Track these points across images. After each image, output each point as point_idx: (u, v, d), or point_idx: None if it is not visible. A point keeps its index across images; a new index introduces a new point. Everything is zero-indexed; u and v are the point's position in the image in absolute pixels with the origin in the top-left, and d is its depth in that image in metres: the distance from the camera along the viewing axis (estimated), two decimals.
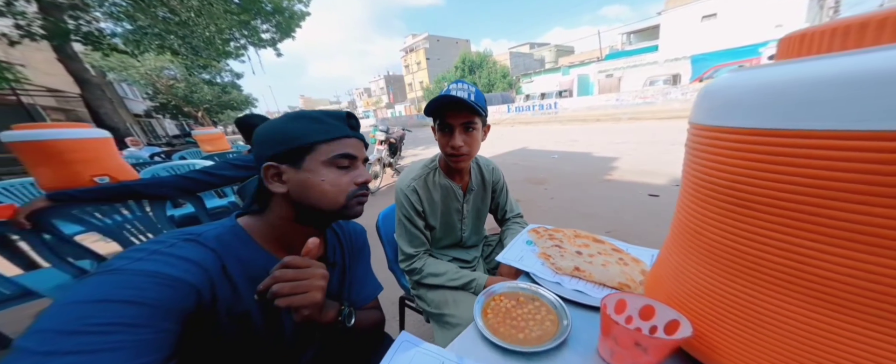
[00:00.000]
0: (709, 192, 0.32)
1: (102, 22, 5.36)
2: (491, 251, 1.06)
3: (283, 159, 0.44)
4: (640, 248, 0.69)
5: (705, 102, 0.32)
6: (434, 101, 0.69)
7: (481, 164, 0.96)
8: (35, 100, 7.32)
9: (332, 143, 0.45)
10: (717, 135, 0.30)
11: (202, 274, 0.38)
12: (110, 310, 0.29)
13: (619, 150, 4.71)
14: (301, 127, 0.45)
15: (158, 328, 0.31)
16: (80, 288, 0.31)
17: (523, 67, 32.77)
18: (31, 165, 1.35)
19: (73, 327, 0.27)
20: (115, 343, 0.28)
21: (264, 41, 7.45)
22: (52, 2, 4.61)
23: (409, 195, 0.82)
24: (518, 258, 0.68)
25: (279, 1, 6.73)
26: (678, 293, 0.39)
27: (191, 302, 0.36)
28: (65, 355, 0.26)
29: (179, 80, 17.02)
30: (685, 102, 8.85)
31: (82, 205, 1.10)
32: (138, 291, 0.31)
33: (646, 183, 3.02)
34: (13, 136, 1.27)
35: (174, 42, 5.60)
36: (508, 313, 0.51)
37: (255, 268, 0.44)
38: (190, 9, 5.07)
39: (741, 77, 0.28)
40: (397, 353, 0.44)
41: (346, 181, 0.46)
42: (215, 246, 0.41)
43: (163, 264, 0.35)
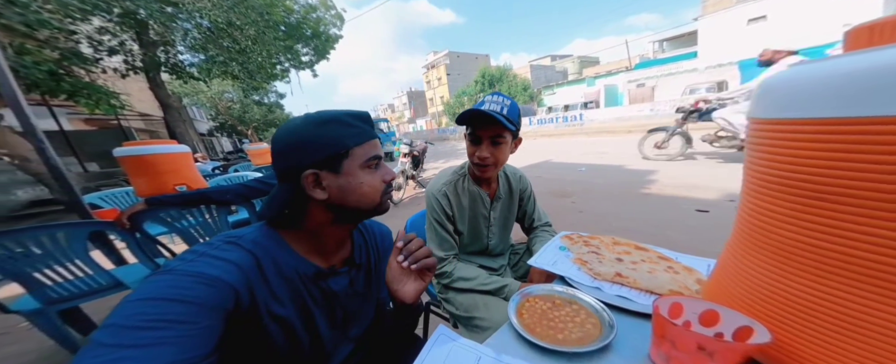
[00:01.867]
0: (781, 187, 0.30)
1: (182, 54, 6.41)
2: (518, 259, 1.03)
3: (322, 166, 0.43)
4: (693, 257, 0.63)
5: (771, 95, 0.31)
6: (466, 113, 0.72)
7: (509, 172, 0.96)
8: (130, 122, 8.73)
9: (365, 146, 0.46)
10: (787, 127, 0.29)
11: (240, 274, 0.40)
12: (160, 307, 0.32)
13: (656, 163, 4.38)
14: (333, 132, 0.44)
15: (201, 325, 0.34)
16: (143, 286, 0.34)
17: (544, 80, 32.49)
18: (132, 175, 1.69)
19: (132, 322, 0.31)
20: (165, 338, 0.31)
21: (303, 63, 8.24)
22: (150, 40, 5.60)
23: (440, 199, 0.84)
24: (551, 263, 0.66)
25: (317, 26, 7.51)
26: (747, 298, 0.35)
27: (230, 301, 0.38)
28: (125, 348, 0.29)
29: (235, 102, 19.26)
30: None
31: (168, 208, 1.31)
32: (183, 290, 0.34)
33: (692, 197, 2.76)
34: (123, 151, 1.63)
35: (235, 68, 6.43)
36: (545, 314, 0.49)
37: (288, 269, 0.45)
38: (248, 38, 5.88)
39: (814, 68, 0.27)
40: (435, 346, 0.44)
41: (378, 181, 0.48)
42: (252, 248, 0.43)
43: (206, 265, 0.38)
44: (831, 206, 0.26)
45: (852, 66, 0.24)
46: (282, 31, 6.70)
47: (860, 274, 0.26)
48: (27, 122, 1.33)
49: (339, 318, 0.53)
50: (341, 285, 0.52)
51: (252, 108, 20.14)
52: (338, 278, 0.51)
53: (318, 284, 0.48)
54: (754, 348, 0.31)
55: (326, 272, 0.49)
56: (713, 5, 14.79)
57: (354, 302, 0.55)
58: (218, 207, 1.46)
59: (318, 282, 0.48)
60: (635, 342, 0.43)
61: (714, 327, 0.36)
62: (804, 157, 0.27)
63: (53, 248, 1.14)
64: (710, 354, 0.32)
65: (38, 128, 1.35)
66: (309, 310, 0.48)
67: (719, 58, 13.39)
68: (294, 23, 6.97)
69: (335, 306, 0.51)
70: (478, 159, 0.76)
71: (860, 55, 0.24)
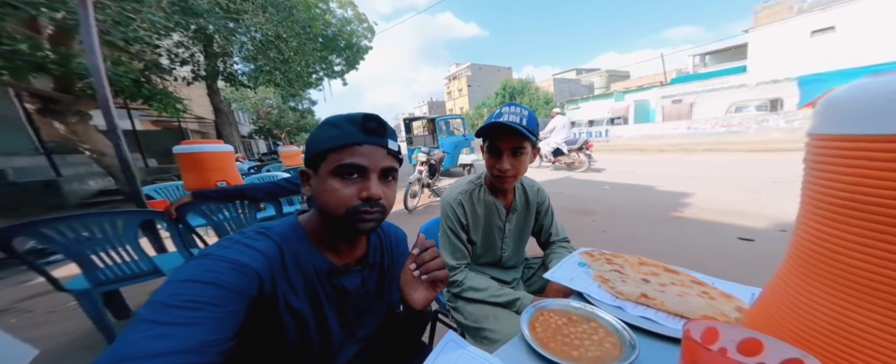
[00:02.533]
0: (848, 210, 0.27)
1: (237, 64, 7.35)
2: (532, 274, 0.99)
3: (310, 165, 0.45)
4: (734, 284, 0.57)
5: (837, 109, 0.28)
6: (486, 125, 0.72)
7: (526, 184, 0.94)
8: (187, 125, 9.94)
9: (341, 151, 0.42)
10: (856, 144, 0.26)
11: (266, 263, 0.41)
12: (196, 289, 0.34)
13: (692, 185, 4.05)
14: (322, 134, 0.44)
15: (228, 309, 0.35)
16: (183, 268, 0.37)
17: (568, 93, 31.81)
18: (184, 171, 1.92)
19: (171, 301, 0.33)
20: (198, 319, 0.33)
21: (335, 72, 8.93)
22: (213, 52, 6.48)
23: (455, 207, 0.84)
24: (569, 278, 0.62)
25: (350, 38, 8.15)
26: (800, 330, 0.31)
27: (254, 287, 0.39)
28: (164, 325, 0.31)
29: (274, 108, 20.92)
30: (790, 132, 7.33)
31: (210, 202, 1.46)
32: (217, 274, 0.36)
33: (733, 224, 2.50)
34: (180, 149, 1.87)
35: (278, 76, 7.17)
36: (559, 330, 0.46)
37: (306, 262, 0.46)
38: (291, 49, 6.59)
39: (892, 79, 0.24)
40: (443, 352, 0.43)
41: (347, 193, 0.42)
42: (279, 240, 0.45)
43: (238, 252, 0.40)
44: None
45: None
46: (319, 42, 7.39)
47: None
48: (112, 122, 1.56)
49: (349, 318, 0.53)
50: (354, 284, 0.52)
51: (287, 113, 21.82)
52: (351, 276, 0.52)
53: (332, 281, 0.49)
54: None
55: (340, 269, 0.50)
56: (767, 16, 13.63)
57: (365, 302, 0.55)
58: (249, 204, 1.58)
59: (332, 279, 0.49)
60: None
61: (755, 357, 0.32)
62: (877, 178, 0.25)
63: (112, 233, 1.28)
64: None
65: (119, 127, 1.59)
66: (322, 306, 0.48)
67: (773, 73, 12.04)
68: (330, 35, 7.63)
69: (346, 305, 0.52)
70: (498, 171, 0.75)
71: None
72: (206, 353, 0.32)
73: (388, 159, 0.45)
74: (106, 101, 1.52)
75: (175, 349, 0.30)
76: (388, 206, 0.46)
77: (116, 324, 1.41)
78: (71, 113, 3.64)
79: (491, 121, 0.72)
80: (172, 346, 0.30)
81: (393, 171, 0.46)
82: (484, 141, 0.78)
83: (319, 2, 7.10)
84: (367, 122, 0.43)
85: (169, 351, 0.29)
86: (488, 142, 0.76)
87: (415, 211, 3.87)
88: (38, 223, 1.12)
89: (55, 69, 3.10)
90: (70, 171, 5.06)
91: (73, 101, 3.61)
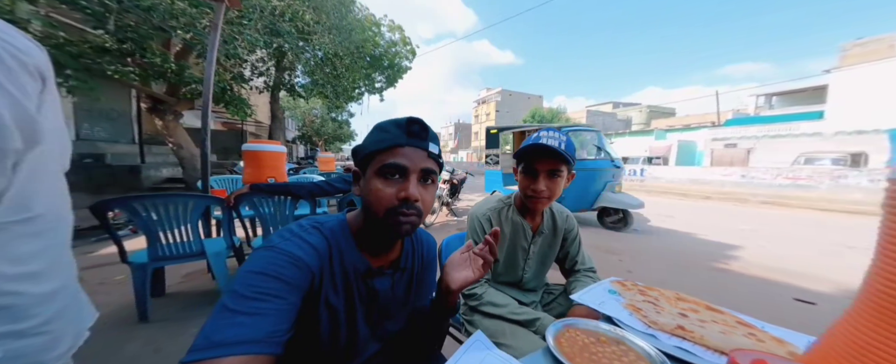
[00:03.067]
0: None
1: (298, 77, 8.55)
2: (552, 300, 0.96)
3: (360, 166, 0.49)
4: (787, 330, 0.51)
5: None
6: (525, 147, 0.75)
7: (555, 210, 0.94)
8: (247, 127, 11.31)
9: (385, 152, 0.45)
10: None
11: (317, 258, 0.44)
12: (264, 282, 0.38)
13: (743, 239, 3.60)
14: (371, 138, 0.47)
15: (289, 301, 0.38)
16: (253, 258, 0.41)
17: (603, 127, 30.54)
18: (247, 165, 2.24)
19: (245, 291, 0.36)
20: (265, 310, 0.36)
21: (376, 89, 9.75)
22: (283, 66, 7.58)
23: (484, 222, 0.86)
24: (598, 302, 0.61)
25: (394, 59, 8.94)
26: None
27: (307, 282, 0.42)
28: (240, 314, 0.35)
29: (318, 118, 22.97)
30: (871, 193, 6.24)
31: (262, 195, 1.67)
32: (279, 268, 0.39)
33: (788, 284, 2.19)
34: (248, 147, 2.22)
35: (328, 90, 8.12)
36: (586, 347, 0.46)
37: (348, 261, 0.48)
38: (344, 66, 7.43)
39: None
40: (470, 349, 0.45)
41: (387, 193, 0.44)
42: (329, 235, 0.47)
43: (296, 246, 0.43)
44: None
45: None
46: (367, 61, 8.20)
47: None
48: (206, 121, 1.91)
49: (375, 318, 0.54)
50: (384, 286, 0.53)
51: (328, 123, 23.79)
52: (383, 279, 0.53)
53: (365, 282, 0.51)
54: None
55: (375, 271, 0.51)
56: (858, 55, 11.37)
57: (392, 305, 0.56)
58: (291, 200, 1.75)
59: (366, 279, 0.51)
60: None
61: None
62: None
63: (182, 212, 1.48)
64: None
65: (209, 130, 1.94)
66: (354, 304, 0.50)
67: (858, 122, 9.99)
68: (377, 55, 8.44)
69: (374, 306, 0.53)
70: (532, 192, 0.76)
71: None
72: (271, 344, 0.35)
73: (428, 161, 0.46)
74: (208, 104, 1.88)
75: (250, 338, 0.34)
76: (424, 209, 0.47)
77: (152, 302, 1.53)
78: (170, 112, 4.48)
79: (529, 142, 0.76)
80: (247, 335, 0.34)
81: (432, 174, 0.48)
82: (518, 163, 0.81)
83: (373, 25, 8.01)
84: (410, 125, 0.46)
85: (245, 340, 0.33)
86: (524, 163, 0.79)
87: (431, 227, 3.87)
88: (130, 198, 1.33)
89: (173, 77, 3.91)
90: (151, 159, 5.95)
91: (176, 102, 4.47)
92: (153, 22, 3.17)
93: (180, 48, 4.08)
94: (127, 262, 1.42)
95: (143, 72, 3.75)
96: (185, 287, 1.95)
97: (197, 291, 1.89)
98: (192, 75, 3.99)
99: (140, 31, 3.20)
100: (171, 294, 1.84)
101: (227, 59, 4.45)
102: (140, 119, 5.93)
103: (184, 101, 4.53)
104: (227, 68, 4.76)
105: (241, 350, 0.33)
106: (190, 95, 4.51)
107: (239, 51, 4.38)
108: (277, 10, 5.25)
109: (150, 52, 3.45)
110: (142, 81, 3.97)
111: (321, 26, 6.12)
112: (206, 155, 1.88)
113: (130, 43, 3.24)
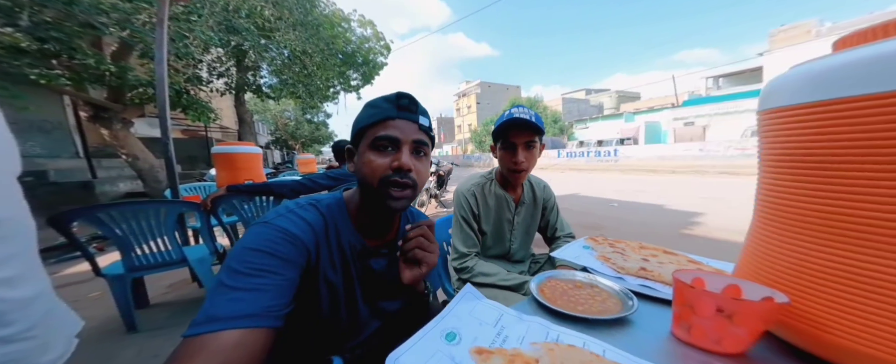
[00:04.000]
0: (790, 163, 0.34)
1: (264, 78, 8.01)
2: (538, 268, 1.04)
3: (353, 142, 0.50)
4: (727, 263, 0.62)
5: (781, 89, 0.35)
6: (501, 121, 0.81)
7: (533, 181, 1.02)
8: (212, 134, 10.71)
9: (376, 126, 0.45)
10: (796, 112, 0.33)
11: (312, 235, 0.44)
12: (258, 258, 0.38)
13: (705, 206, 4.00)
14: (363, 114, 0.48)
15: (286, 276, 0.39)
16: (248, 235, 0.41)
17: (577, 113, 31.99)
18: (219, 169, 2.18)
19: (240, 268, 0.37)
20: (262, 285, 0.37)
21: (352, 87, 9.49)
22: (246, 66, 7.11)
23: (469, 198, 0.91)
24: (574, 256, 0.68)
25: (368, 55, 8.72)
26: (768, 272, 0.37)
27: (303, 258, 0.43)
28: (238, 290, 0.35)
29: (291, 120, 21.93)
30: None
31: (241, 196, 1.61)
32: (273, 244, 0.40)
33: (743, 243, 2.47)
34: (218, 150, 2.17)
35: (300, 89, 7.76)
36: (565, 292, 0.52)
37: (344, 239, 0.49)
38: (314, 64, 7.13)
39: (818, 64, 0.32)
40: (461, 301, 0.49)
41: (381, 164, 0.45)
42: (326, 212, 0.48)
43: (290, 223, 0.43)
44: (834, 173, 0.30)
45: (844, 60, 0.30)
46: (339, 58, 7.93)
47: (864, 235, 0.28)
48: (166, 125, 1.77)
49: (373, 296, 0.56)
50: (380, 266, 0.55)
51: (303, 125, 22.77)
52: (379, 259, 0.54)
53: (362, 261, 0.52)
54: (769, 306, 0.32)
55: (371, 250, 0.52)
56: (783, 40, 13.54)
57: (389, 285, 0.57)
58: (274, 200, 1.70)
59: (363, 258, 0.52)
60: (657, 324, 0.44)
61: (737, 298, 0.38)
62: (807, 134, 0.32)
63: (155, 220, 1.41)
64: (729, 316, 0.33)
65: (170, 135, 1.79)
66: (352, 282, 0.51)
67: None
68: (350, 52, 8.19)
69: (372, 284, 0.55)
70: (513, 164, 0.83)
71: (849, 52, 0.30)
72: (270, 318, 0.36)
73: (419, 133, 0.47)
74: (165, 107, 1.74)
75: (247, 313, 0.34)
76: (419, 181, 0.47)
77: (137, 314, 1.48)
78: (117, 120, 4.03)
79: (504, 118, 0.81)
80: (245, 310, 0.34)
81: (424, 146, 0.48)
82: (496, 142, 0.87)
83: (342, 21, 7.71)
84: (399, 98, 0.47)
85: (243, 314, 0.34)
86: (501, 140, 0.84)
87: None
88: (95, 208, 1.25)
89: (113, 80, 3.47)
90: (104, 173, 5.44)
91: (122, 109, 4.01)
92: (78, 17, 2.73)
93: (117, 48, 3.59)
94: (101, 274, 1.35)
95: (76, 75, 3.25)
96: (172, 297, 1.88)
97: (184, 300, 1.82)
98: (137, 77, 3.54)
99: (63, 29, 2.73)
100: (156, 304, 1.77)
101: (179, 59, 4.05)
102: (82, 129, 5.36)
103: (131, 107, 4.06)
104: (179, 69, 4.35)
105: (238, 324, 0.33)
106: (138, 100, 4.04)
107: (191, 49, 4.03)
108: (231, 6, 4.89)
109: (79, 52, 2.98)
110: (75, 86, 3.44)
111: (284, 23, 5.80)
112: (171, 160, 1.77)
113: (54, 42, 2.76)
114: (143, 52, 3.48)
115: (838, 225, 0.30)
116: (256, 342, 0.34)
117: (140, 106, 4.18)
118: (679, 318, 0.39)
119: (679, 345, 0.38)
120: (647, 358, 0.35)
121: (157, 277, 1.90)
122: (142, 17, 3.23)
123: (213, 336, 0.32)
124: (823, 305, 0.31)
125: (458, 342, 0.39)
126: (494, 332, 0.42)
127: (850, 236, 0.29)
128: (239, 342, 0.32)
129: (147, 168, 4.28)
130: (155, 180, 4.24)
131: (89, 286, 1.99)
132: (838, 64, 0.30)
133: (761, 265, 0.38)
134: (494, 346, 0.38)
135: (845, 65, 0.29)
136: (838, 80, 0.29)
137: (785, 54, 13.06)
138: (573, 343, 0.39)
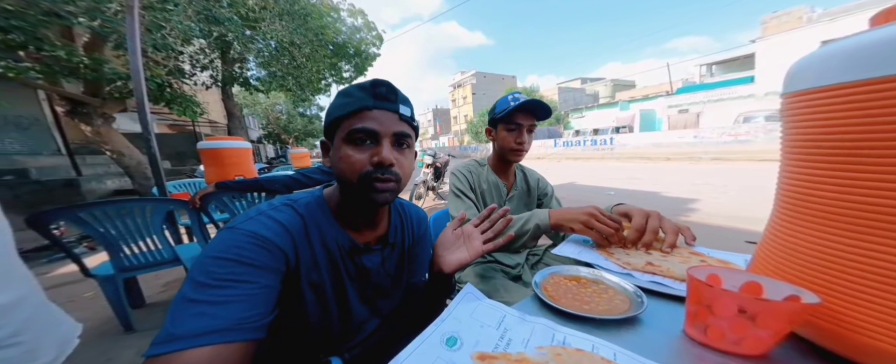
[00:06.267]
0: (817, 150, 0.31)
1: (251, 70, 7.73)
2: (537, 260, 1.03)
3: (327, 135, 0.46)
4: (729, 253, 0.60)
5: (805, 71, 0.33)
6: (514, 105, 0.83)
7: (526, 171, 1.04)
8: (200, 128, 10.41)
9: (351, 117, 0.41)
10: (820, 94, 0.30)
11: (288, 237, 0.41)
12: (224, 267, 0.35)
13: (699, 192, 4.06)
14: (335, 103, 0.44)
15: (259, 284, 0.36)
16: (214, 242, 0.38)
17: (573, 102, 31.89)
18: (207, 165, 2.07)
19: (204, 280, 0.33)
20: (231, 297, 0.33)
21: (344, 79, 9.26)
22: (231, 58, 6.81)
23: (465, 173, 0.93)
24: (576, 252, 0.66)
25: (359, 46, 8.48)
26: (791, 268, 0.34)
27: (280, 262, 0.39)
28: (203, 304, 0.32)
29: (283, 114, 21.46)
30: None
31: (231, 192, 1.56)
32: (241, 251, 0.36)
33: (741, 229, 2.49)
34: (204, 145, 2.04)
35: (290, 82, 7.50)
36: (570, 290, 0.50)
37: (328, 237, 0.46)
38: (303, 55, 6.89)
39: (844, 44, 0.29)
40: (462, 302, 0.47)
41: (359, 159, 0.41)
42: (304, 211, 0.45)
43: (261, 226, 0.39)
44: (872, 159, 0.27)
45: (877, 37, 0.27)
46: (330, 49, 7.69)
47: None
48: (146, 119, 1.69)
49: (369, 294, 0.53)
50: (374, 263, 0.52)
51: (296, 119, 22.31)
52: (371, 255, 0.52)
53: (353, 259, 0.49)
54: (800, 307, 0.30)
55: (361, 248, 0.50)
56: (775, 27, 13.46)
57: (385, 283, 0.55)
58: (266, 195, 1.65)
59: (353, 256, 0.49)
60: (668, 322, 0.41)
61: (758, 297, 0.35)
62: (837, 119, 0.29)
63: (141, 219, 1.36)
64: (751, 318, 0.31)
65: (153, 130, 1.72)
66: (343, 282, 0.49)
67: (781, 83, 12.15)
68: (341, 42, 7.95)
69: (367, 283, 0.52)
70: (517, 143, 0.87)
71: (882, 30, 0.27)
72: (244, 330, 0.32)
73: (400, 125, 0.43)
74: (143, 101, 1.65)
75: (216, 328, 0.31)
76: (403, 175, 0.44)
77: (133, 312, 1.47)
78: (97, 115, 3.85)
79: (517, 104, 0.84)
80: (213, 325, 0.31)
81: (407, 138, 0.44)
82: (496, 125, 0.89)
83: (331, 10, 7.43)
84: (376, 87, 0.42)
85: (209, 330, 0.30)
86: (506, 121, 0.87)
87: None
88: (76, 208, 1.19)
89: (88, 74, 3.27)
90: (89, 171, 5.28)
91: (101, 104, 3.82)
92: (40, 6, 2.53)
93: (89, 39, 3.36)
94: (91, 275, 1.31)
95: (47, 68, 3.04)
96: (167, 296, 1.85)
97: None
98: (115, 70, 3.32)
99: (26, 19, 2.54)
100: (152, 304, 1.75)
101: (157, 51, 3.80)
102: (60, 126, 5.15)
103: (112, 101, 3.84)
104: (159, 61, 4.09)
105: (205, 341, 0.30)
106: (118, 95, 3.83)
107: (169, 41, 3.81)
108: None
109: (47, 43, 2.78)
110: (48, 80, 3.24)
111: (268, 12, 5.55)
112: (154, 156, 1.69)
113: (17, 32, 2.56)
114: (117, 43, 3.26)
115: (873, 216, 0.27)
116: (231, 358, 0.31)
117: (121, 100, 3.96)
118: (694, 317, 0.37)
119: (693, 345, 0.36)
120: (659, 360, 0.32)
121: (153, 276, 1.88)
122: (113, 5, 3.00)
123: (177, 356, 0.29)
124: (854, 304, 0.29)
125: (459, 347, 0.36)
126: (497, 336, 0.39)
127: (887, 229, 0.27)
128: (209, 360, 0.29)
129: (134, 164, 4.14)
130: (143, 177, 4.10)
131: (83, 286, 1.96)
132: (880, 39, 0.26)
133: (783, 260, 0.35)
134: (498, 351, 0.36)
135: (889, 40, 0.26)
136: (880, 57, 0.26)
137: (777, 41, 13.13)
138: (581, 347, 0.36)
